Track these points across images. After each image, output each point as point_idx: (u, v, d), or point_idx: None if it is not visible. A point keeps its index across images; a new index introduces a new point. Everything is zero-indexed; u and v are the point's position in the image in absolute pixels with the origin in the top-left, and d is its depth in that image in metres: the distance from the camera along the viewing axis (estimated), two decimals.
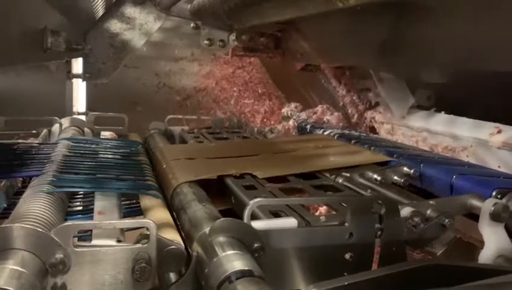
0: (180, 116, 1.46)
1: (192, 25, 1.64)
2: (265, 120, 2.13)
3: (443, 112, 1.28)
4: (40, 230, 0.53)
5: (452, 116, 1.23)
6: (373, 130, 1.51)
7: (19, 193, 0.75)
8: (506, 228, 0.66)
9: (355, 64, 1.56)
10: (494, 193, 0.74)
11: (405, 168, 0.93)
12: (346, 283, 0.46)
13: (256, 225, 0.58)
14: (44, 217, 0.60)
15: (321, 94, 1.80)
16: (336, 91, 1.67)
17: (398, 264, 0.50)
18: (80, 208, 0.76)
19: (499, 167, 1.01)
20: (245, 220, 0.59)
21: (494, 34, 0.82)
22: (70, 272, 0.52)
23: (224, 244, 0.54)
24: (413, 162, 0.95)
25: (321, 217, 0.66)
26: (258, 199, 0.61)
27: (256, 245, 0.57)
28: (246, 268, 0.49)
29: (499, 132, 1.05)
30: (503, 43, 0.81)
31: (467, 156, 1.11)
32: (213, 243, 0.55)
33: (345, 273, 0.60)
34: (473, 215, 0.70)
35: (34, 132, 1.21)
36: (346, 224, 0.62)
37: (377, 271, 0.55)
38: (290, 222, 0.62)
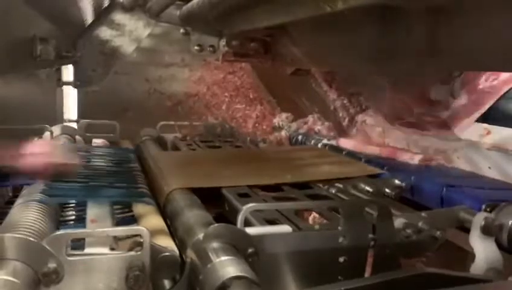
0: (172, 123, 1.46)
1: (182, 31, 1.64)
2: (257, 125, 2.13)
3: None
4: (32, 239, 0.52)
5: None
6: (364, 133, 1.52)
7: (10, 202, 0.75)
8: (497, 241, 0.67)
9: (344, 68, 1.57)
10: (484, 207, 0.75)
11: (396, 181, 0.94)
12: (342, 289, 0.47)
13: (250, 231, 0.58)
14: (36, 226, 0.59)
15: (312, 98, 1.81)
16: (327, 95, 1.68)
17: (391, 272, 0.51)
18: (73, 216, 0.75)
19: (489, 167, 1.02)
20: (239, 226, 0.59)
21: (489, 36, 0.82)
22: (64, 282, 0.51)
23: (218, 250, 0.54)
24: (404, 174, 0.96)
25: (315, 227, 0.67)
26: (251, 204, 0.61)
27: (250, 250, 0.57)
28: (241, 274, 0.49)
29: (489, 133, 1.06)
30: (498, 45, 0.82)
31: (458, 157, 1.12)
32: (207, 249, 0.55)
33: (339, 277, 0.60)
34: (464, 227, 0.71)
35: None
36: (339, 227, 0.62)
37: (371, 278, 0.56)
38: (283, 229, 0.62)
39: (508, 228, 0.68)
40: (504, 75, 1.13)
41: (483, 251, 0.65)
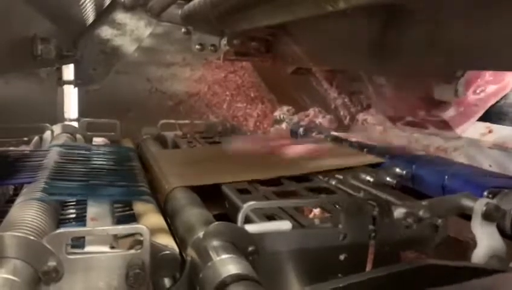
0: (172, 121, 1.46)
1: (183, 30, 1.64)
2: (258, 123, 2.13)
3: None
4: (32, 238, 0.52)
5: None
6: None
7: (11, 201, 0.75)
8: (499, 228, 0.66)
9: (346, 67, 1.57)
10: (485, 193, 0.74)
11: (397, 170, 0.93)
12: (341, 285, 0.46)
13: (251, 228, 0.58)
14: (36, 224, 0.59)
15: (313, 97, 1.81)
16: (328, 94, 1.67)
17: (392, 265, 0.51)
18: (73, 215, 0.75)
19: (490, 166, 1.02)
20: (239, 224, 0.59)
21: (488, 34, 0.82)
22: (64, 280, 0.51)
23: (218, 249, 0.54)
24: (405, 163, 0.95)
25: (315, 220, 0.67)
26: (251, 202, 0.61)
27: (250, 249, 0.57)
28: (241, 272, 0.49)
29: (490, 131, 1.06)
30: (497, 43, 0.82)
31: (459, 155, 1.11)
32: (207, 247, 0.55)
33: (340, 275, 0.60)
34: (466, 215, 0.70)
35: (25, 139, 1.20)
36: (340, 225, 0.62)
37: (371, 272, 0.55)
38: (284, 225, 0.62)
39: (510, 214, 0.67)
40: (491, 88, 1.13)
41: (485, 238, 0.64)
